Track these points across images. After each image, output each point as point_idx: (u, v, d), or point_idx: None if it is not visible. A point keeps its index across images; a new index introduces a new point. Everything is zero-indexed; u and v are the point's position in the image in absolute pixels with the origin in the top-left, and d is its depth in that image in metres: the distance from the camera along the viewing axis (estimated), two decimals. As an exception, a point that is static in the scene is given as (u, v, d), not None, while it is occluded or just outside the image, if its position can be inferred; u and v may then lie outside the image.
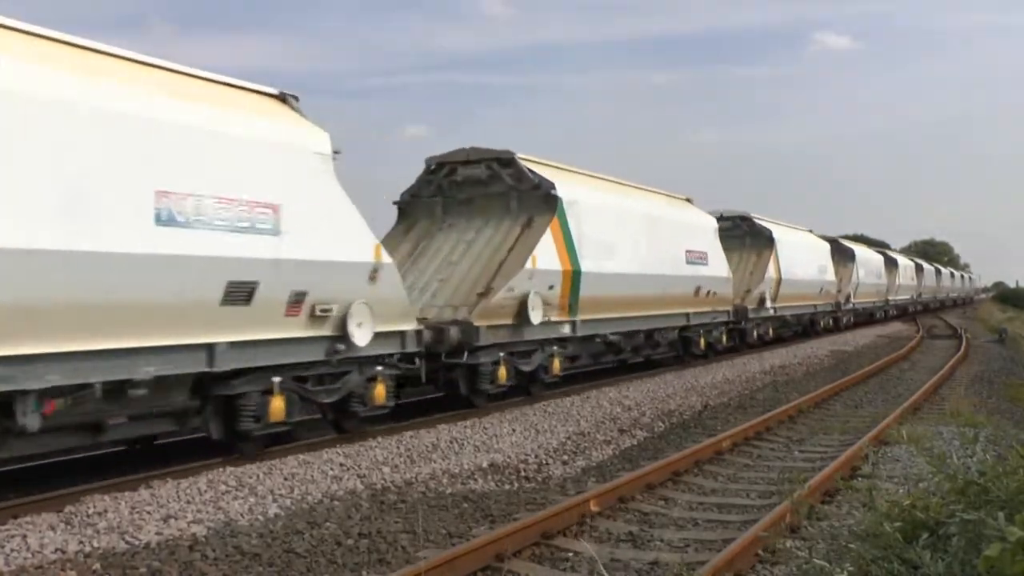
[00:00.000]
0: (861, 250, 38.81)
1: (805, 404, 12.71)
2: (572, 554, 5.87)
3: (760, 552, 5.63)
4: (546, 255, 12.84)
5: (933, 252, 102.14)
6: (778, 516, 6.15)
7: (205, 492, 7.26)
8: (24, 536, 5.98)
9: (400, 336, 10.36)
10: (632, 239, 15.70)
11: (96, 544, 5.90)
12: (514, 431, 10.45)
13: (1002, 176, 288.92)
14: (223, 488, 7.40)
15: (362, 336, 9.35)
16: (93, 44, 7.59)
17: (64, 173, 6.68)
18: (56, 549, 5.78)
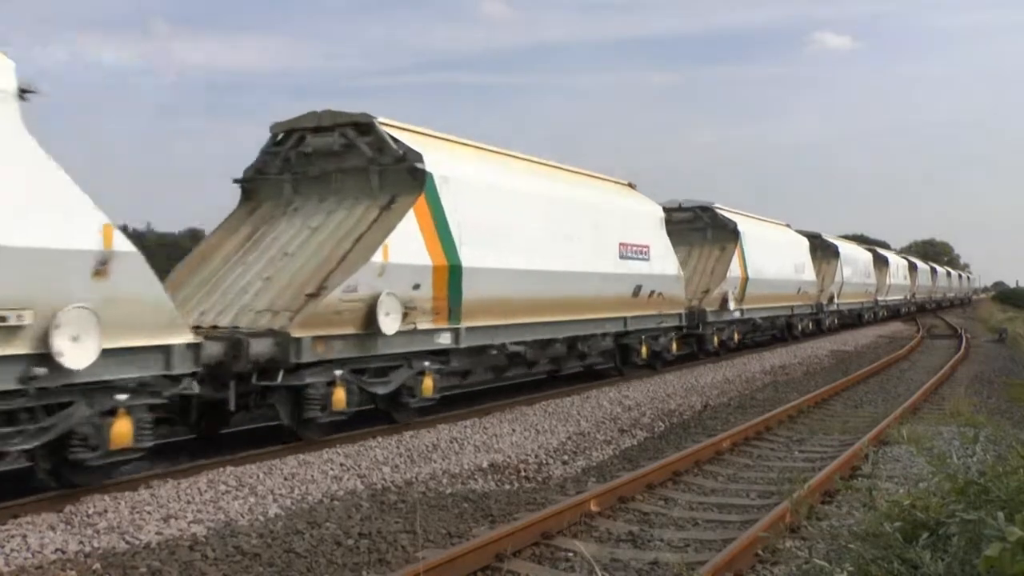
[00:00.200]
0: (846, 246, 36.14)
1: (805, 404, 12.72)
2: (572, 554, 5.87)
3: (760, 552, 5.63)
4: (406, 245, 10.12)
5: (933, 252, 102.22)
6: (778, 516, 6.15)
7: (205, 492, 7.26)
8: (24, 536, 5.98)
9: (162, 353, 7.56)
10: (539, 228, 12.84)
11: (96, 544, 5.90)
12: (514, 431, 10.45)
13: (1002, 176, 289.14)
14: (223, 488, 7.40)
15: (78, 355, 6.71)
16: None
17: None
18: (56, 549, 5.78)
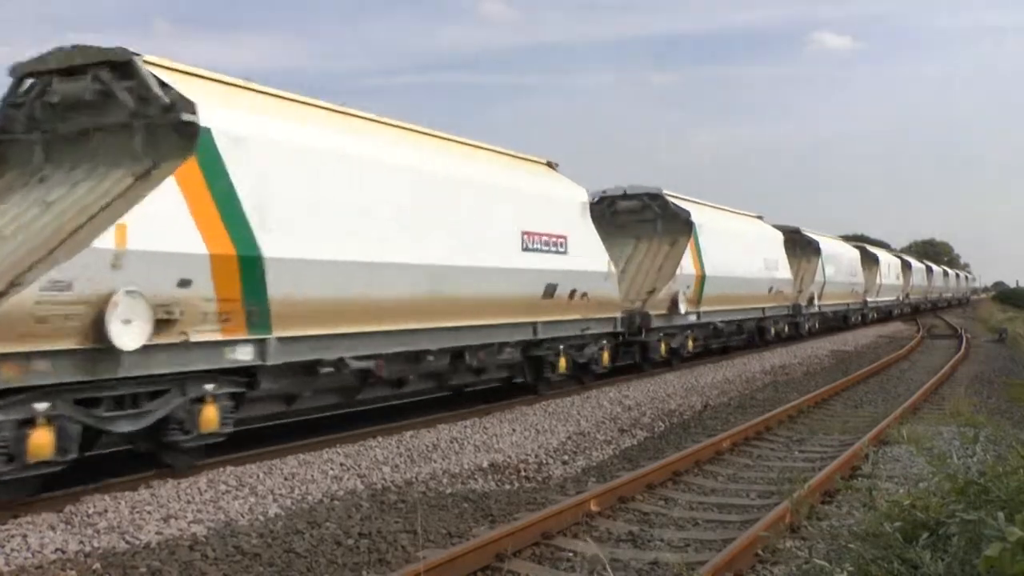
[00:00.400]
0: (829, 242, 32.80)
1: (805, 404, 12.72)
2: (572, 554, 5.87)
3: (760, 552, 5.63)
4: (162, 227, 7.39)
5: (933, 252, 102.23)
6: (778, 516, 6.15)
7: (205, 492, 7.26)
8: (24, 536, 5.98)
9: None
10: (398, 210, 9.99)
11: (96, 544, 5.90)
12: (514, 431, 10.45)
13: (1003, 176, 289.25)
14: (223, 488, 7.40)
15: None
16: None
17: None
18: (56, 549, 5.78)
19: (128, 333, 6.97)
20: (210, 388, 7.95)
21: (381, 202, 9.80)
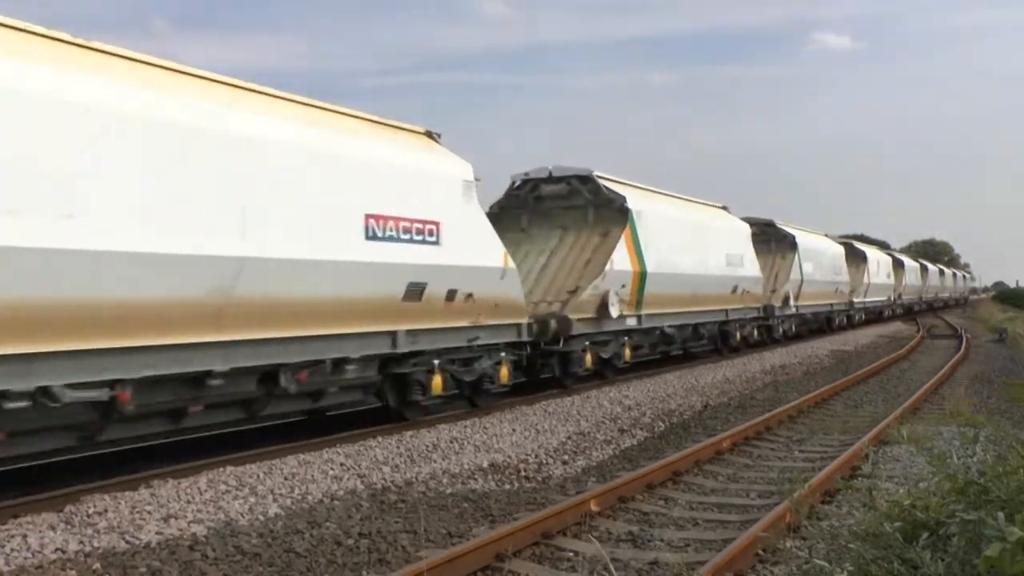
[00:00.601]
0: (808, 237, 29.56)
1: (805, 404, 12.72)
2: (572, 554, 5.87)
3: (760, 552, 5.63)
4: None
5: (933, 252, 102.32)
6: (778, 516, 6.15)
7: (205, 492, 7.27)
8: (24, 536, 5.98)
9: None
10: (142, 185, 7.23)
11: (96, 544, 5.90)
12: (514, 431, 10.45)
13: (1002, 176, 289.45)
14: (223, 488, 7.40)
15: None
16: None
17: None
18: (56, 549, 5.78)
19: None
20: None
21: (120, 171, 7.03)
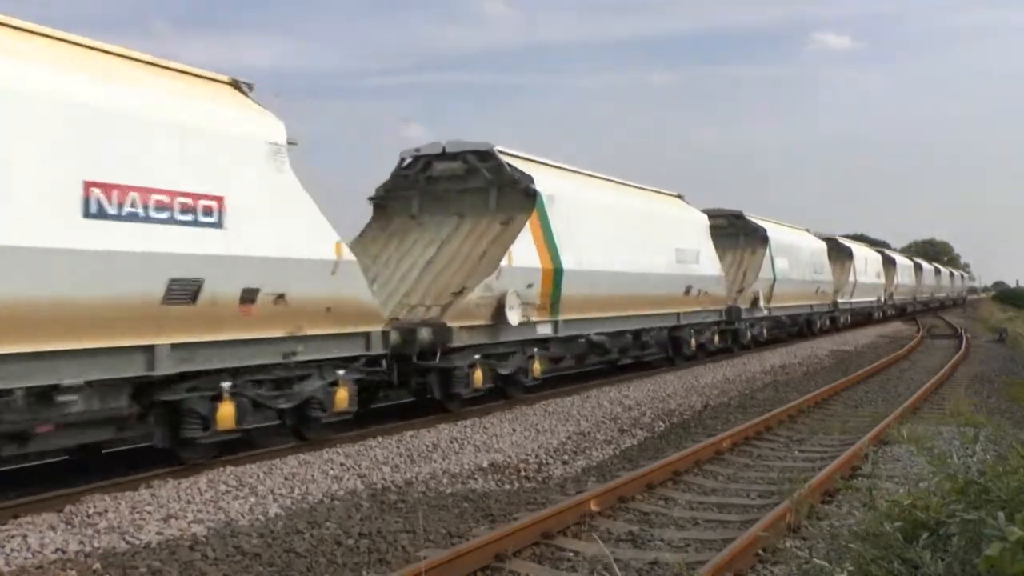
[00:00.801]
0: (781, 231, 26.25)
1: (805, 404, 12.72)
2: (573, 554, 5.87)
3: (760, 552, 5.63)
4: None
5: (933, 252, 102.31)
6: (778, 516, 6.15)
7: (205, 492, 7.27)
8: (24, 536, 5.98)
9: None
10: None
11: (96, 544, 5.90)
12: (514, 431, 10.45)
13: (1002, 176, 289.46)
14: (223, 488, 7.40)
15: None
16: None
17: None
18: (56, 549, 5.78)
19: None
20: None
21: None
